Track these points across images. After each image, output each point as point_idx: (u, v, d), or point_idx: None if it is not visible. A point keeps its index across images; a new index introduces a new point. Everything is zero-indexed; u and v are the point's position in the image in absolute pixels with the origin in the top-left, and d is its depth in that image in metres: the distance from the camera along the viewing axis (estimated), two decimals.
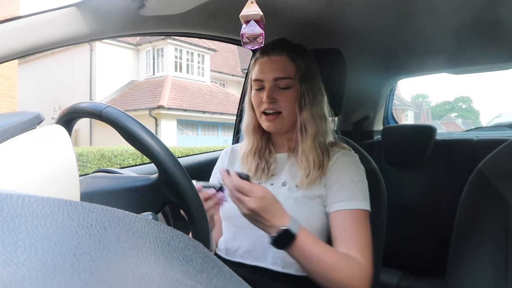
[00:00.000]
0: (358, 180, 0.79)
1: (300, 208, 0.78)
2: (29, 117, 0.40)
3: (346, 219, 0.76)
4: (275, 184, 0.84)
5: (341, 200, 0.77)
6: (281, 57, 0.83)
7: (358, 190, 0.78)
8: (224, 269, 0.17)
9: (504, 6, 1.03)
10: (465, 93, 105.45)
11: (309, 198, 0.78)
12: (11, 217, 0.14)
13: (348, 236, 0.74)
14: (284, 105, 0.81)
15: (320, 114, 0.83)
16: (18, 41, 0.67)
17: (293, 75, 0.82)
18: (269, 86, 0.82)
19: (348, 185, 0.78)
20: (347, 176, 0.79)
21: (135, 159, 6.19)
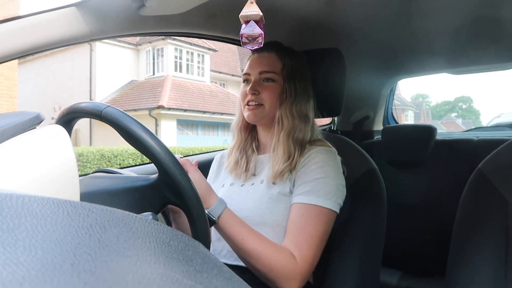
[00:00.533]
0: (323, 176, 0.78)
1: (274, 204, 0.79)
2: (29, 117, 0.40)
3: (297, 213, 0.76)
4: (255, 184, 0.85)
5: (298, 193, 0.78)
6: (270, 54, 0.87)
7: (320, 187, 0.77)
8: (224, 269, 0.17)
9: (504, 6, 1.03)
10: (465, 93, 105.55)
11: (283, 194, 0.80)
12: (11, 217, 0.14)
13: (293, 229, 0.75)
14: (266, 97, 0.84)
15: (300, 112, 0.84)
16: (18, 41, 0.67)
17: (279, 71, 0.85)
18: (254, 79, 0.86)
19: (310, 180, 0.78)
20: (313, 171, 0.79)
21: (135, 159, 6.19)
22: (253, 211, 0.79)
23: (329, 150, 0.84)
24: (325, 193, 0.77)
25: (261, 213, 0.79)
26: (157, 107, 9.74)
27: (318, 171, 0.79)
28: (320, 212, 0.76)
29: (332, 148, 0.85)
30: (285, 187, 0.80)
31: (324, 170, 0.79)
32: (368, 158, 0.95)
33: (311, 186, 0.77)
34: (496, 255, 0.68)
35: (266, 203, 0.79)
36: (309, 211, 0.76)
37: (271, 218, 0.78)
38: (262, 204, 0.79)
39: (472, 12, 1.07)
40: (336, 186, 0.79)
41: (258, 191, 0.82)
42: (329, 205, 0.76)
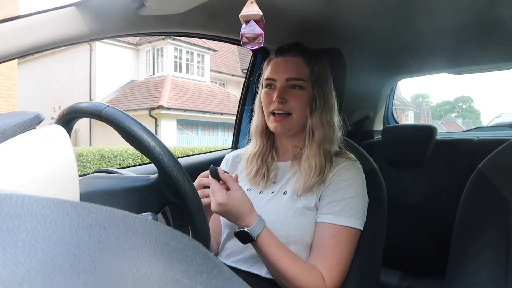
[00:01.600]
0: (352, 196, 0.76)
1: (299, 219, 0.76)
2: (29, 117, 0.40)
3: (327, 233, 0.74)
4: (275, 192, 0.82)
5: (328, 212, 0.75)
6: (296, 58, 0.82)
7: (350, 207, 0.75)
8: (224, 269, 0.17)
9: (504, 6, 1.03)
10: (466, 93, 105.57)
11: (308, 208, 0.77)
12: (10, 217, 0.14)
13: (323, 250, 0.74)
14: (294, 106, 0.80)
15: (329, 121, 0.81)
16: (17, 41, 0.67)
17: (307, 78, 0.81)
18: (280, 85, 0.81)
19: (341, 199, 0.75)
20: (343, 189, 0.76)
21: (135, 159, 6.19)
22: (277, 224, 0.76)
23: (356, 166, 0.81)
24: (355, 213, 0.75)
25: (285, 227, 0.76)
26: (157, 107, 9.74)
27: (348, 190, 0.76)
28: (350, 233, 0.75)
29: (358, 163, 0.82)
30: (310, 201, 0.77)
31: (354, 189, 0.77)
32: (368, 158, 0.95)
33: (341, 206, 0.75)
34: (496, 255, 0.68)
35: (291, 217, 0.76)
36: (340, 232, 0.74)
37: (295, 233, 0.75)
38: (286, 217, 0.76)
39: (472, 12, 1.07)
40: (363, 205, 0.78)
41: (281, 203, 0.79)
42: (358, 225, 0.76)
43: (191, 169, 1.02)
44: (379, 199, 0.91)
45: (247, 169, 0.88)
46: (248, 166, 0.88)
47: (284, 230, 0.76)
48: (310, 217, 0.77)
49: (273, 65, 0.84)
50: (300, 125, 0.83)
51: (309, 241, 0.77)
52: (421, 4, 1.05)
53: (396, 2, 1.05)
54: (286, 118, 0.80)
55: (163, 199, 0.57)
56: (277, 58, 0.84)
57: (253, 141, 0.90)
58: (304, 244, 0.77)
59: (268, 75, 0.83)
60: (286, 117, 0.80)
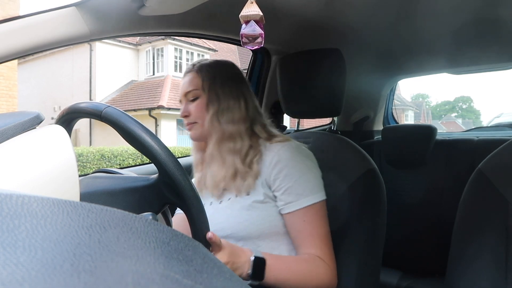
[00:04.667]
0: (300, 175, 0.78)
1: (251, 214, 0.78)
2: (29, 117, 0.40)
3: (298, 221, 0.77)
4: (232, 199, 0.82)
5: (288, 201, 0.78)
6: (189, 74, 0.89)
7: (304, 187, 0.78)
8: (224, 269, 0.17)
9: (504, 6, 1.03)
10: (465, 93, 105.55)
11: (258, 202, 0.79)
12: (10, 217, 0.14)
13: (303, 237, 0.77)
14: (195, 115, 0.85)
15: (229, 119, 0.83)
16: (17, 41, 0.67)
17: (199, 86, 0.86)
18: (183, 101, 0.88)
19: (291, 185, 0.78)
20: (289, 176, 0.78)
21: (135, 159, 6.19)
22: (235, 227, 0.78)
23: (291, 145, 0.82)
24: (311, 189, 0.78)
25: (241, 227, 0.78)
26: (157, 107, 9.73)
27: (293, 172, 0.78)
28: (316, 209, 0.78)
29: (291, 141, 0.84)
30: (257, 194, 0.79)
31: (298, 169, 0.79)
32: (368, 158, 0.95)
33: (295, 189, 0.77)
34: (496, 255, 0.68)
35: (245, 215, 0.78)
36: (307, 214, 0.77)
37: (253, 229, 0.78)
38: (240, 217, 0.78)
39: (472, 12, 1.07)
40: (315, 177, 0.81)
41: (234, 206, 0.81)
42: (320, 198, 0.79)
43: (191, 169, 1.02)
44: (379, 199, 0.91)
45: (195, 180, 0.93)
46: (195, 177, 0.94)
47: (242, 230, 0.78)
48: (263, 210, 0.79)
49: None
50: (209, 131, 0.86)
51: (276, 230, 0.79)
52: (421, 4, 1.05)
53: (396, 2, 1.05)
54: (194, 126, 0.87)
55: (163, 199, 0.57)
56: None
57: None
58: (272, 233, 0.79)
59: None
60: (193, 125, 0.87)
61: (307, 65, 1.03)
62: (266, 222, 0.78)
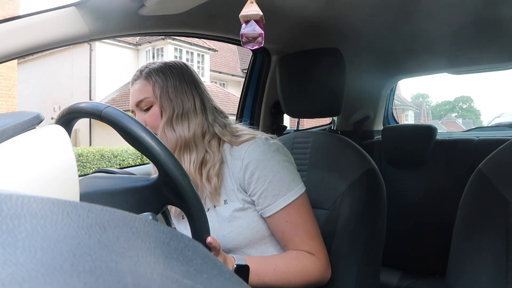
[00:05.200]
0: (273, 175, 0.74)
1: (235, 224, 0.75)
2: (29, 117, 0.40)
3: (280, 223, 0.74)
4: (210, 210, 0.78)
5: (266, 205, 0.74)
6: (137, 81, 0.80)
7: (279, 186, 0.73)
8: (224, 269, 0.17)
9: (504, 6, 1.03)
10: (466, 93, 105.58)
11: (237, 210, 0.75)
12: (10, 217, 0.14)
13: (289, 238, 0.74)
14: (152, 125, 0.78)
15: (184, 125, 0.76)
16: (17, 41, 0.67)
17: (150, 94, 0.78)
18: (136, 112, 0.81)
19: (266, 187, 0.73)
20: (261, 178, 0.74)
21: (135, 159, 6.19)
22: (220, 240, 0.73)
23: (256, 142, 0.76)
24: (287, 186, 0.74)
25: (228, 240, 0.75)
26: None
27: (265, 173, 0.74)
28: (296, 206, 0.74)
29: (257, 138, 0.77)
30: (235, 203, 0.75)
31: (269, 169, 0.74)
32: (368, 158, 0.95)
33: (271, 191, 0.73)
34: (496, 255, 0.68)
35: (228, 227, 0.75)
36: (289, 213, 0.74)
37: (240, 238, 0.75)
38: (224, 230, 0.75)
39: (472, 12, 1.07)
40: (289, 172, 0.76)
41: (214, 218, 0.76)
42: (297, 193, 0.75)
43: None
44: (379, 199, 0.91)
45: None
46: None
47: (229, 243, 0.75)
48: (245, 217, 0.75)
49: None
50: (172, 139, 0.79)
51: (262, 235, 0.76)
52: (421, 4, 1.05)
53: (396, 2, 1.05)
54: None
55: (163, 200, 0.57)
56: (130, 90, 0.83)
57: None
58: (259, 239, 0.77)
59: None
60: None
61: (307, 65, 1.03)
62: (250, 229, 0.75)
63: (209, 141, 0.78)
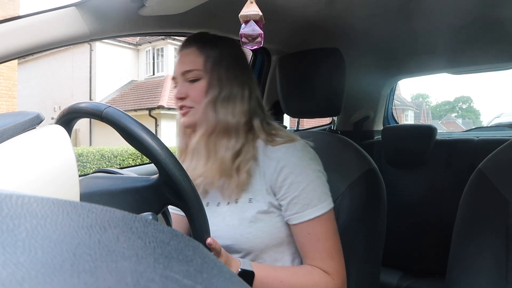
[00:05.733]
0: (306, 184, 0.71)
1: (256, 227, 0.72)
2: (29, 117, 0.40)
3: (303, 233, 0.71)
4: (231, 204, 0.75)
5: (293, 213, 0.71)
6: (189, 49, 0.76)
7: (310, 197, 0.71)
8: (224, 269, 0.17)
9: (504, 6, 1.03)
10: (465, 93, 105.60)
11: (262, 212, 0.72)
12: (10, 217, 0.14)
13: (308, 250, 0.72)
14: (194, 99, 0.74)
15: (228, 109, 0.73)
16: (17, 41, 0.67)
17: (201, 67, 0.74)
18: (179, 81, 0.76)
19: (297, 194, 0.71)
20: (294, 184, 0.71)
21: (135, 159, 6.19)
22: (238, 239, 0.72)
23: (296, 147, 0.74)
24: (318, 199, 0.71)
25: (244, 240, 0.72)
26: (157, 107, 9.73)
27: (299, 180, 0.71)
28: (323, 221, 0.71)
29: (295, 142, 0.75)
30: (262, 204, 0.72)
31: (304, 176, 0.71)
32: (368, 158, 0.95)
33: (301, 199, 0.71)
34: (496, 255, 0.68)
35: (248, 227, 0.72)
36: (313, 226, 0.71)
37: (257, 241, 0.72)
38: (243, 229, 0.72)
39: (472, 12, 1.07)
40: (322, 184, 0.73)
41: (235, 214, 0.73)
42: (326, 208, 0.72)
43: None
44: (379, 199, 0.91)
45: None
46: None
47: (245, 243, 0.72)
48: (267, 221, 0.72)
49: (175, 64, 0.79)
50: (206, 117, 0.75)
51: (280, 240, 0.74)
52: (421, 4, 1.05)
53: (396, 2, 1.05)
54: (190, 111, 0.75)
55: (163, 200, 0.57)
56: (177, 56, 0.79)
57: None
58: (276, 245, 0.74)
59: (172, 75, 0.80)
60: (189, 110, 0.75)
61: (307, 64, 1.03)
62: (270, 234, 0.72)
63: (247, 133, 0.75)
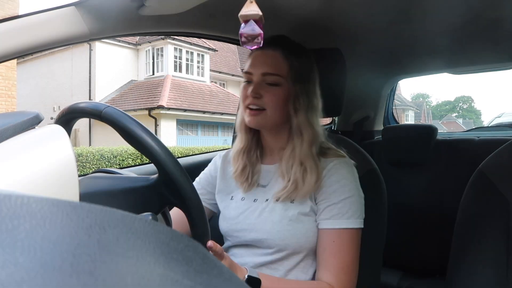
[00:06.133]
0: (348, 196, 0.74)
1: (296, 226, 0.74)
2: (28, 117, 0.40)
3: (328, 239, 0.73)
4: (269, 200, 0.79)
5: (326, 218, 0.74)
6: (274, 52, 0.78)
7: (347, 208, 0.73)
8: (224, 269, 0.17)
9: (504, 6, 1.03)
10: (466, 92, 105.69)
11: (303, 214, 0.75)
12: (9, 217, 0.14)
13: (326, 257, 0.73)
14: (269, 102, 0.76)
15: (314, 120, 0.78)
16: (17, 40, 0.67)
17: (285, 74, 0.77)
18: (256, 80, 0.78)
19: (336, 201, 0.74)
20: (338, 191, 0.74)
21: (135, 159, 6.19)
22: (273, 234, 0.74)
23: (346, 162, 0.78)
24: (353, 213, 0.73)
25: (282, 236, 0.74)
26: (156, 107, 9.74)
27: (343, 190, 0.74)
28: (351, 234, 0.73)
29: (347, 158, 0.80)
30: (305, 206, 0.75)
31: (348, 189, 0.75)
32: (369, 158, 0.94)
33: (338, 208, 0.73)
34: (497, 255, 0.68)
35: (287, 225, 0.74)
36: (341, 236, 0.72)
37: (292, 241, 0.74)
38: (282, 226, 0.74)
39: (473, 11, 1.06)
40: (360, 202, 0.76)
41: (275, 211, 0.76)
42: (358, 224, 0.74)
43: (191, 169, 1.02)
44: (379, 200, 0.91)
45: (234, 166, 0.85)
46: (234, 164, 0.85)
47: (281, 239, 0.74)
48: (306, 223, 0.75)
49: (252, 59, 0.80)
50: (277, 122, 0.79)
51: (311, 246, 0.76)
52: (421, 4, 1.05)
53: (396, 2, 1.05)
54: (260, 113, 0.77)
55: (163, 200, 0.57)
56: (256, 51, 0.80)
57: (238, 137, 0.86)
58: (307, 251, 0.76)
59: (247, 68, 0.80)
60: (260, 112, 0.77)
61: None
62: (306, 237, 0.74)
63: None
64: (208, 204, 0.91)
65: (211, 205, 0.92)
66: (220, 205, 0.88)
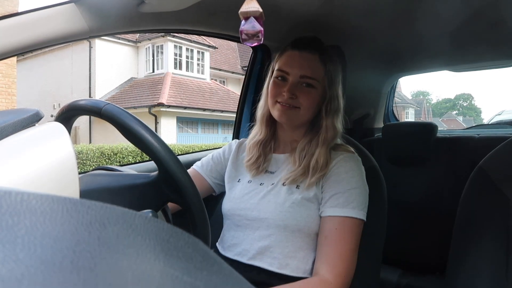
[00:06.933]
0: (355, 187, 0.77)
1: (297, 209, 0.77)
2: (28, 114, 0.40)
3: (330, 227, 0.75)
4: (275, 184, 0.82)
5: (332, 205, 0.76)
6: (313, 56, 0.82)
7: (353, 198, 0.76)
8: (224, 266, 0.17)
9: (505, 4, 1.02)
10: (466, 90, 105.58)
11: (306, 199, 0.78)
12: (10, 214, 0.14)
13: (326, 244, 0.74)
14: (303, 103, 0.80)
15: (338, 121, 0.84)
16: (16, 38, 0.66)
17: (320, 78, 0.81)
18: (293, 80, 0.81)
19: (343, 191, 0.76)
20: (345, 181, 0.77)
21: (135, 156, 6.19)
22: (275, 215, 0.78)
23: (355, 158, 0.82)
24: (358, 204, 0.76)
25: (283, 217, 0.77)
26: (157, 105, 9.72)
27: (350, 181, 0.77)
28: (353, 224, 0.75)
29: (356, 155, 0.83)
30: (309, 192, 0.78)
31: (355, 180, 0.78)
32: (369, 156, 0.94)
33: (344, 197, 0.76)
34: (496, 253, 0.68)
35: (289, 207, 0.77)
36: (343, 224, 0.74)
37: (292, 223, 0.77)
38: (284, 208, 0.78)
39: (473, 9, 1.06)
40: (365, 196, 0.79)
41: (280, 194, 0.80)
42: (362, 216, 0.76)
43: (191, 166, 1.02)
44: (379, 197, 0.91)
45: (249, 155, 0.88)
46: (249, 153, 0.89)
47: (282, 220, 0.77)
48: (308, 208, 0.77)
49: (288, 58, 0.83)
50: (304, 120, 0.83)
51: (309, 231, 0.77)
52: (422, 2, 1.05)
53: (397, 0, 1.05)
54: (293, 110, 0.81)
55: (163, 197, 0.57)
56: (293, 51, 0.83)
57: (258, 128, 0.90)
58: (305, 234, 0.78)
59: (282, 66, 0.83)
60: (293, 109, 0.81)
61: None
62: (306, 222, 0.77)
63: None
64: (212, 182, 0.95)
65: (214, 183, 0.95)
66: (226, 186, 0.91)
